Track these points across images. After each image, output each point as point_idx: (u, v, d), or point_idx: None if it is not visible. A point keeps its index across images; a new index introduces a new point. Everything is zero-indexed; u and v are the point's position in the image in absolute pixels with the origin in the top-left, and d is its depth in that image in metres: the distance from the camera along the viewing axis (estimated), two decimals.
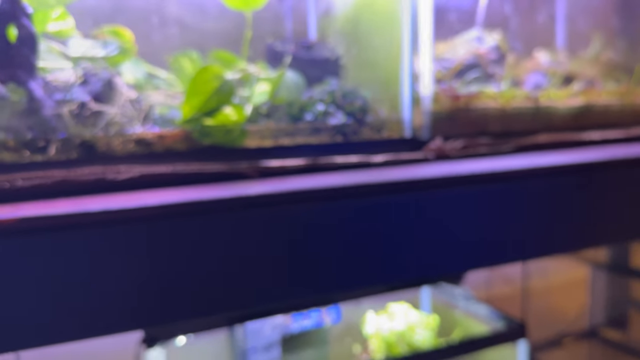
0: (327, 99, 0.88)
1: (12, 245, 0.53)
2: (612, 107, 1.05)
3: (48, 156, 0.67)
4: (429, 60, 0.89)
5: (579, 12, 1.18)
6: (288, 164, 0.75)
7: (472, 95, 0.92)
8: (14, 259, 0.53)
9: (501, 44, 1.09)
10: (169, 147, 0.73)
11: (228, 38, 0.99)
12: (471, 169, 0.74)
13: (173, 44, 0.97)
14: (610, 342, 2.12)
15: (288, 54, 0.97)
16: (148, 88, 0.93)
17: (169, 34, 0.97)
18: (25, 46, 0.68)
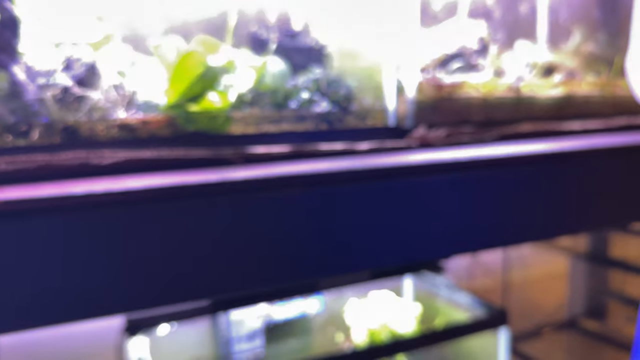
0: (311, 87, 0.88)
1: None
2: (592, 98, 1.07)
3: (31, 141, 0.67)
4: (413, 49, 0.89)
5: (561, 4, 1.19)
6: (273, 151, 0.76)
7: (456, 85, 0.93)
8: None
9: (485, 33, 1.10)
10: (153, 132, 0.73)
11: (213, 25, 0.99)
12: (454, 156, 0.75)
13: (157, 29, 0.96)
14: (589, 333, 2.16)
15: (272, 42, 0.97)
16: (132, 73, 0.92)
17: (153, 19, 0.96)
18: (6, 29, 0.67)
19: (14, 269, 0.54)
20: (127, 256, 0.58)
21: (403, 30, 0.89)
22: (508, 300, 2.23)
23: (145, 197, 0.58)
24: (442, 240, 0.74)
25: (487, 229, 0.77)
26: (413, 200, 0.72)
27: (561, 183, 0.83)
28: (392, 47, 0.87)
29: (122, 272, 0.58)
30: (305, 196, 0.66)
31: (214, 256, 0.62)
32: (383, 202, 0.70)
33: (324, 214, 0.67)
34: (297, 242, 0.66)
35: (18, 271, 0.54)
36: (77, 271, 0.56)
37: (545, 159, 0.80)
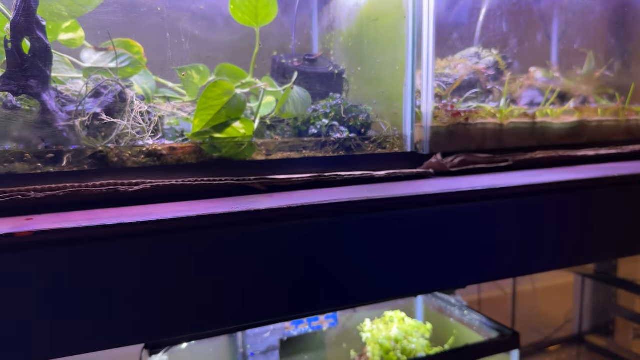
0: (331, 113, 0.90)
1: (28, 257, 0.55)
2: (606, 124, 1.08)
3: (60, 167, 0.69)
4: (429, 77, 0.91)
5: (574, 31, 1.21)
6: (294, 177, 0.77)
7: (471, 111, 0.95)
8: (30, 271, 0.55)
9: (499, 60, 1.11)
10: (179, 159, 0.75)
11: (235, 49, 1.01)
12: (470, 185, 0.77)
13: (183, 55, 0.98)
14: (596, 348, 2.15)
15: (293, 67, 0.99)
16: (158, 99, 0.94)
17: (178, 45, 0.98)
18: (38, 58, 0.70)
19: (43, 298, 0.55)
20: (153, 286, 0.59)
21: (419, 58, 0.91)
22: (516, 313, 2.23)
23: (173, 227, 0.60)
24: (460, 269, 0.75)
25: (503, 258, 0.78)
26: (429, 230, 0.74)
27: (575, 212, 0.84)
28: (409, 75, 0.89)
29: (149, 300, 0.59)
30: (325, 226, 0.68)
31: (240, 285, 0.63)
32: (402, 230, 0.72)
33: (344, 243, 0.69)
34: (318, 271, 0.67)
35: (47, 300, 0.55)
36: (106, 299, 0.57)
37: (560, 188, 0.81)
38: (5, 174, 0.66)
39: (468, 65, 1.06)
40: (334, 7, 1.10)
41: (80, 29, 0.87)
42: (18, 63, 0.68)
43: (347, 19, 1.06)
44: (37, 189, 0.64)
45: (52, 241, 0.56)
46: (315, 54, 1.04)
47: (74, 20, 0.82)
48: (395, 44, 0.91)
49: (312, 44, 1.15)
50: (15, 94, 0.70)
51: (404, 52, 0.89)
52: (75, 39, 0.87)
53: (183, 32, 0.99)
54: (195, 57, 0.97)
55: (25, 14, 0.67)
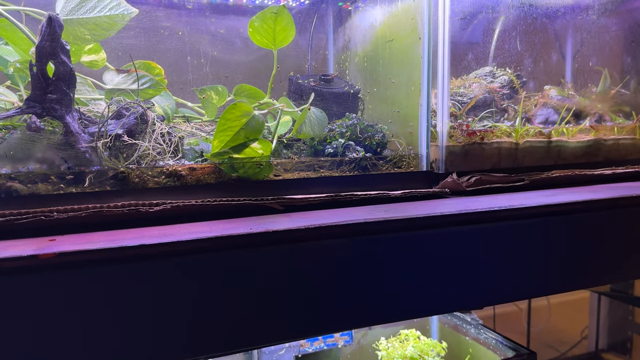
0: (347, 132, 0.91)
1: (51, 279, 0.56)
2: (623, 142, 1.07)
3: (82, 188, 0.70)
4: (444, 96, 0.92)
5: (590, 50, 1.21)
6: (311, 197, 0.78)
7: (486, 131, 0.95)
8: (53, 292, 0.56)
9: (513, 79, 1.12)
10: (199, 179, 0.76)
11: (253, 69, 1.03)
12: (487, 205, 0.77)
13: (202, 76, 1.00)
14: None
15: (309, 87, 1.00)
16: (177, 119, 0.96)
17: (198, 66, 1.00)
18: (62, 81, 0.71)
19: (64, 320, 0.56)
20: (175, 306, 0.60)
21: (434, 78, 0.91)
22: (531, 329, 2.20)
23: (193, 248, 0.61)
24: (477, 291, 0.75)
25: (522, 279, 0.78)
26: (446, 251, 0.74)
27: (594, 232, 0.83)
28: (424, 95, 0.90)
29: (171, 322, 0.60)
30: (343, 246, 0.68)
31: (259, 306, 0.63)
32: (418, 252, 0.72)
33: (361, 263, 0.69)
34: (335, 291, 0.68)
35: (76, 322, 0.56)
36: (129, 322, 0.58)
37: (577, 209, 0.81)
38: (29, 194, 0.67)
39: (482, 85, 1.06)
40: (349, 28, 1.11)
41: (102, 51, 0.89)
42: (42, 86, 0.70)
43: (363, 39, 1.07)
44: (60, 210, 0.65)
45: (75, 262, 0.57)
46: (331, 74, 1.05)
47: (97, 42, 0.84)
48: (411, 64, 0.92)
49: (328, 64, 1.16)
50: (39, 116, 0.71)
51: (419, 73, 0.89)
52: (98, 60, 0.89)
53: (203, 54, 1.01)
54: (215, 77, 0.99)
55: (50, 38, 0.69)
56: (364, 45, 1.06)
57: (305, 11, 1.11)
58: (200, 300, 0.61)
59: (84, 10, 0.78)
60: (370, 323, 0.70)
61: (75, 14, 0.78)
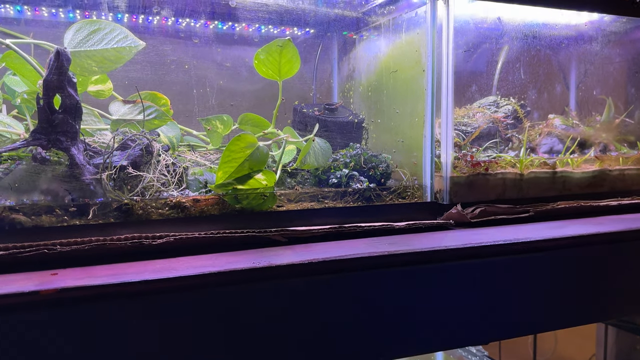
0: (351, 162, 0.91)
1: (52, 315, 0.55)
2: (628, 173, 1.07)
3: (86, 220, 0.70)
4: (448, 127, 0.92)
5: (594, 80, 1.21)
6: (314, 229, 0.78)
7: (491, 161, 0.95)
8: (54, 328, 0.55)
9: (517, 108, 1.12)
10: (202, 210, 0.76)
11: (258, 98, 1.03)
12: (492, 238, 0.76)
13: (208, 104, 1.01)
14: None
15: (313, 116, 1.01)
16: (182, 147, 0.96)
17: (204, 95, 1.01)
18: (68, 114, 0.72)
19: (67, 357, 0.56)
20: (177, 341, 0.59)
21: (438, 108, 0.92)
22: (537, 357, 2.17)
23: (195, 284, 0.60)
24: (484, 326, 0.74)
25: (527, 314, 0.77)
26: (450, 285, 0.73)
27: (601, 266, 0.82)
28: (428, 126, 0.90)
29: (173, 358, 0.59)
30: (347, 281, 0.67)
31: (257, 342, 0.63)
32: (422, 287, 0.71)
33: (365, 298, 0.68)
34: (339, 327, 0.67)
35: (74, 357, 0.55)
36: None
37: (584, 242, 0.80)
38: (32, 226, 0.67)
39: (487, 114, 1.07)
40: (353, 57, 1.12)
41: (108, 80, 0.90)
42: (49, 119, 0.70)
43: (367, 69, 1.08)
44: (63, 243, 0.65)
45: (76, 299, 0.56)
46: (335, 103, 1.06)
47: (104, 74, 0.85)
48: (415, 95, 0.92)
49: (332, 93, 1.17)
50: (45, 148, 0.72)
51: (423, 104, 0.90)
52: (104, 90, 0.90)
53: (208, 83, 1.02)
54: (220, 105, 1.00)
55: (58, 72, 0.69)
56: (368, 75, 1.07)
57: (310, 40, 1.12)
58: (201, 336, 0.60)
59: (92, 43, 0.79)
60: (375, 358, 0.69)
61: (83, 46, 0.79)
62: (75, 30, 0.79)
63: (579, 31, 1.15)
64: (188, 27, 1.01)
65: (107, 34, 0.80)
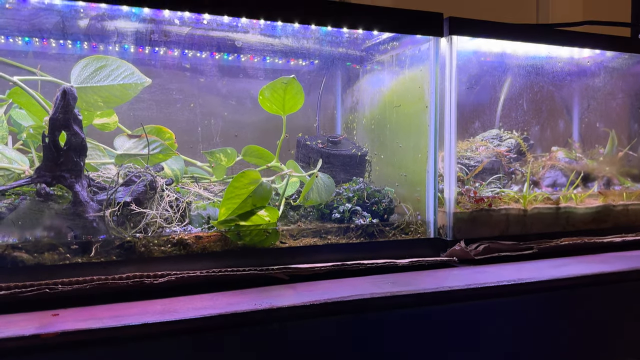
0: (354, 197, 0.91)
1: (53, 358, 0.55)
2: (632, 208, 1.07)
3: (88, 258, 0.70)
4: (451, 162, 0.92)
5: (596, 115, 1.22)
6: (317, 267, 0.77)
7: (494, 197, 0.95)
8: None
9: (520, 142, 1.12)
10: (204, 247, 0.76)
11: (262, 128, 1.04)
12: (496, 278, 0.76)
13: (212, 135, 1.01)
14: None
15: (317, 149, 1.01)
16: (186, 179, 0.97)
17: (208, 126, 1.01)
18: (73, 151, 0.72)
19: None
20: None
21: (441, 142, 0.92)
22: None
23: (195, 327, 0.60)
24: None
25: (531, 356, 0.76)
26: (453, 327, 0.72)
27: (605, 306, 0.82)
28: (431, 162, 0.90)
29: None
30: (349, 323, 0.67)
31: None
32: (425, 328, 0.70)
33: (367, 340, 0.68)
34: None
35: None
36: None
37: (587, 283, 0.80)
38: (35, 264, 0.67)
39: (489, 148, 1.07)
40: (357, 90, 1.13)
41: (114, 114, 0.90)
42: (54, 157, 0.71)
43: (370, 102, 1.08)
44: (65, 282, 0.65)
45: (77, 342, 0.56)
46: (339, 135, 1.06)
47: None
48: (418, 131, 0.92)
49: (336, 124, 1.17)
50: (49, 185, 0.72)
51: (426, 140, 0.90)
52: (109, 123, 0.91)
53: (213, 114, 1.02)
54: (224, 135, 1.00)
55: (64, 111, 0.70)
56: (371, 108, 1.08)
57: (314, 71, 1.13)
58: None
59: (99, 78, 0.80)
60: None
61: (89, 82, 0.80)
62: (83, 66, 0.80)
63: (582, 65, 1.16)
64: (194, 59, 1.02)
65: (113, 70, 0.81)
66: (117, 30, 0.85)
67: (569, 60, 1.13)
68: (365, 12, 0.84)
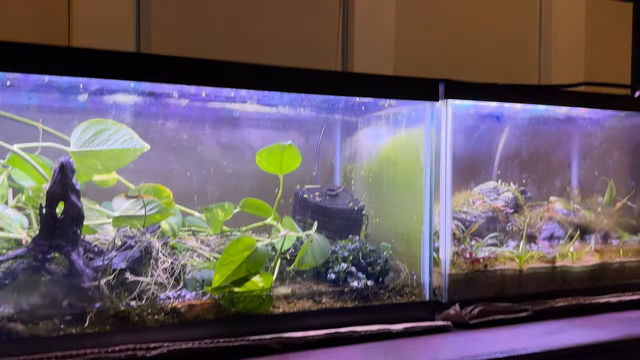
0: (349, 257, 0.91)
1: None
2: (629, 265, 1.07)
3: (82, 328, 0.71)
4: (447, 224, 0.92)
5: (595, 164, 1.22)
6: (310, 335, 0.78)
7: (490, 257, 0.95)
8: None
9: (517, 195, 1.13)
10: (197, 315, 0.76)
11: (260, 180, 1.04)
12: (489, 350, 0.76)
13: (211, 186, 1.02)
14: None
15: (314, 203, 1.02)
16: (183, 232, 0.97)
17: (207, 176, 1.02)
18: (70, 221, 0.73)
19: None
20: None
21: (437, 199, 0.92)
22: None
23: None
24: None
25: None
26: None
27: None
28: (427, 225, 0.90)
29: None
30: None
31: None
32: None
33: None
34: None
35: None
36: None
37: (583, 352, 0.80)
38: (29, 336, 0.68)
39: (486, 203, 1.07)
40: (355, 141, 1.14)
41: (113, 171, 0.91)
42: (51, 227, 0.72)
43: (368, 155, 1.09)
44: (58, 357, 0.66)
45: None
46: (337, 188, 1.07)
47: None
48: (414, 191, 0.93)
49: (335, 172, 1.18)
50: (46, 254, 0.73)
51: (421, 202, 0.90)
52: (109, 180, 0.92)
53: (212, 164, 1.03)
54: (223, 185, 1.01)
55: (62, 184, 0.71)
56: (369, 160, 1.08)
57: (313, 119, 1.13)
58: None
59: (98, 142, 0.81)
60: None
61: (89, 146, 0.81)
62: (82, 129, 0.81)
63: (581, 118, 1.17)
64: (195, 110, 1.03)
65: (112, 134, 0.82)
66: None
67: (568, 113, 1.13)
68: (362, 82, 0.85)
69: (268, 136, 1.08)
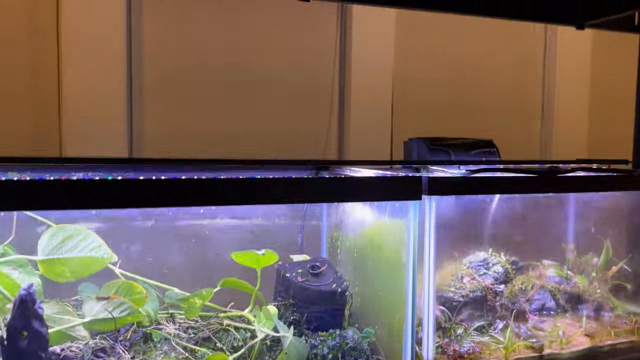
0: (329, 355, 0.89)
1: None
2: (620, 347, 1.04)
3: None
4: (430, 312, 0.90)
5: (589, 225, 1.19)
6: None
7: (475, 352, 0.93)
8: None
9: (507, 267, 1.09)
10: None
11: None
12: None
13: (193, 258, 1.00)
14: None
15: (296, 283, 0.99)
16: (161, 314, 0.95)
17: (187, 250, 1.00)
18: (34, 345, 0.71)
19: None
20: None
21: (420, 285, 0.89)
22: None
23: None
24: None
25: None
26: None
27: None
28: (409, 321, 0.87)
29: None
30: None
31: None
32: None
33: None
34: None
35: None
36: None
37: None
38: None
39: (475, 280, 1.04)
40: (342, 211, 1.10)
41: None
42: (14, 356, 0.70)
43: (353, 228, 1.06)
44: None
45: None
46: (321, 264, 1.04)
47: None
48: (396, 286, 0.89)
49: (321, 241, 1.15)
50: None
51: (403, 300, 0.87)
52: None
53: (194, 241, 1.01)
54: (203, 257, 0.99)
55: (23, 315, 0.69)
56: (354, 233, 1.05)
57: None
58: None
59: (66, 249, 0.79)
60: None
61: (56, 253, 0.79)
62: (50, 235, 0.79)
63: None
64: None
65: (80, 241, 0.79)
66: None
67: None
68: (342, 186, 0.81)
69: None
